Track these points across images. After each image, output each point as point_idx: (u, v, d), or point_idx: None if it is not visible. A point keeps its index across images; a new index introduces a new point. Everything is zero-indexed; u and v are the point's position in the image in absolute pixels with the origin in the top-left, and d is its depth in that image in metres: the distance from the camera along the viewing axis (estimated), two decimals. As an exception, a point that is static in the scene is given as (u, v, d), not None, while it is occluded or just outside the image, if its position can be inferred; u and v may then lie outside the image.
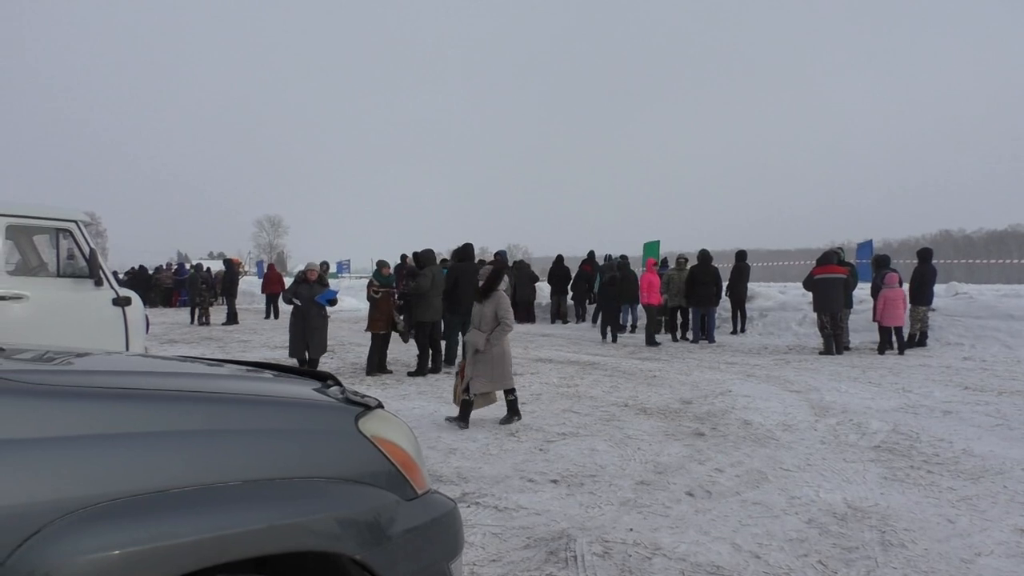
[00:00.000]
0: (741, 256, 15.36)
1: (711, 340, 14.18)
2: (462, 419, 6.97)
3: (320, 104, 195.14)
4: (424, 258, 10.79)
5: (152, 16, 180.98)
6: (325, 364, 10.54)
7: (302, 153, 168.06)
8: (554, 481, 5.14)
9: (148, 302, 28.12)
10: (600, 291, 15.92)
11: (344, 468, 2.04)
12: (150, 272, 30.06)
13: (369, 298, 10.48)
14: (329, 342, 13.46)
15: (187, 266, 28.15)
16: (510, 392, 7.19)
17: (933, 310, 13.10)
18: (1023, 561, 3.67)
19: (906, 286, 12.83)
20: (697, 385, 9.21)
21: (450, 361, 11.44)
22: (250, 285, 28.77)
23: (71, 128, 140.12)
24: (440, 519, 2.25)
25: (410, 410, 7.77)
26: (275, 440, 1.97)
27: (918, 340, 12.65)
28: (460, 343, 11.57)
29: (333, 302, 9.84)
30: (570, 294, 19.44)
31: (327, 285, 10.12)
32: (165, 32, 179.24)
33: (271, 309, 21.12)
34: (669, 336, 15.14)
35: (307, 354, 9.44)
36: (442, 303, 10.75)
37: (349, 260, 41.78)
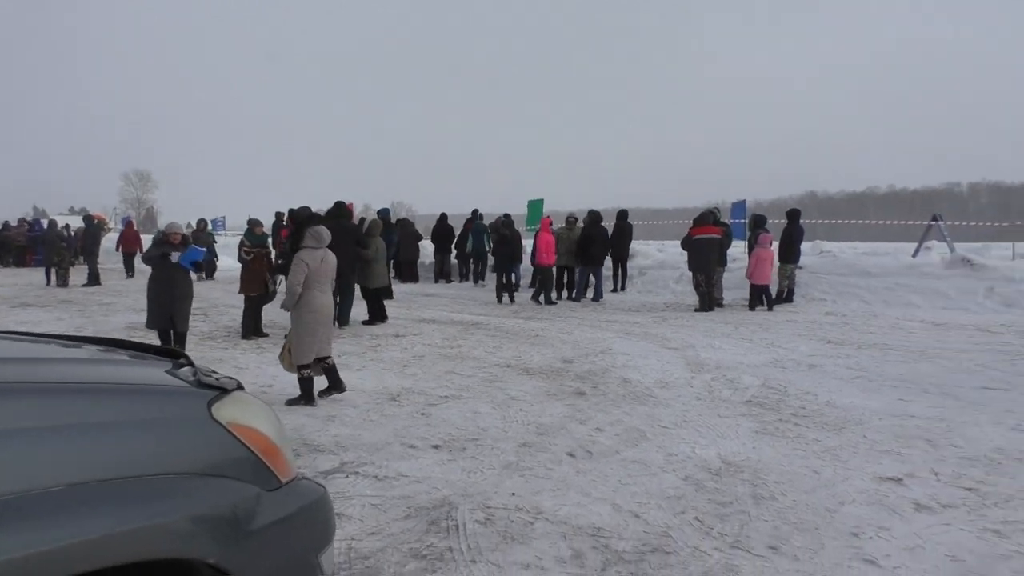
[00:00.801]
0: (622, 215, 15.58)
1: (600, 298, 14.40)
2: (304, 397, 6.21)
3: (194, 55, 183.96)
4: (301, 216, 10.32)
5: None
6: (196, 327, 9.97)
7: (173, 104, 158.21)
8: (436, 446, 5.01)
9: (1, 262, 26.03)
10: (495, 251, 15.45)
11: (196, 461, 1.83)
12: (-2, 228, 27.59)
13: (240, 259, 9.97)
14: (201, 303, 12.82)
15: (43, 222, 26.05)
16: (302, 368, 6.21)
17: (800, 268, 13.75)
18: (882, 508, 3.85)
19: (776, 245, 13.39)
20: (579, 344, 9.29)
21: (344, 321, 11.06)
22: (114, 243, 26.96)
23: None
24: (307, 508, 2.07)
25: (285, 376, 7.41)
26: (114, 434, 1.73)
27: (786, 296, 13.27)
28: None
29: (200, 266, 8.46)
30: (454, 253, 19.26)
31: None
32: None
33: (129, 269, 20.08)
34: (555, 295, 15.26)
35: (171, 326, 7.93)
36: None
37: (224, 217, 39.93)
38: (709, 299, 12.74)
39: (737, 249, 14.82)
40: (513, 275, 16.83)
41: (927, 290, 12.57)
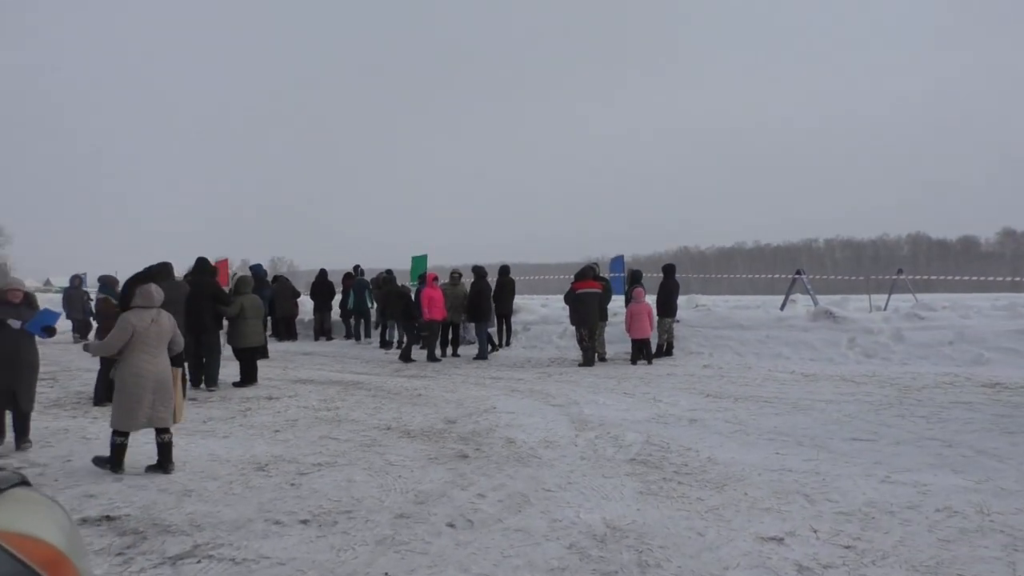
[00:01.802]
0: (504, 271, 15.60)
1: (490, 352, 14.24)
2: (112, 463, 5.80)
3: (60, 104, 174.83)
4: (156, 273, 9.68)
5: None
6: (43, 393, 9.08)
7: (32, 156, 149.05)
8: (304, 521, 4.63)
9: None
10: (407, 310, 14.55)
11: None
12: None
13: (97, 317, 9.22)
14: (50, 367, 11.78)
15: None
16: (116, 434, 5.81)
17: (678, 321, 14.10)
18: (765, 571, 3.79)
19: (653, 299, 13.69)
20: (462, 403, 9.05)
21: (211, 382, 10.43)
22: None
23: None
24: None
25: (139, 445, 6.78)
26: None
27: (666, 350, 13.54)
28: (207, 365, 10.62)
29: (51, 331, 6.95)
30: (334, 309, 18.71)
31: (36, 308, 6.88)
32: None
33: None
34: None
35: (13, 406, 6.61)
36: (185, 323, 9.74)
37: (85, 273, 37.47)
38: (592, 354, 12.83)
39: (617, 303, 15.04)
40: (396, 331, 16.50)
41: (795, 342, 13.12)
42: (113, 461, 5.84)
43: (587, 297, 12.81)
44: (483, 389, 10.16)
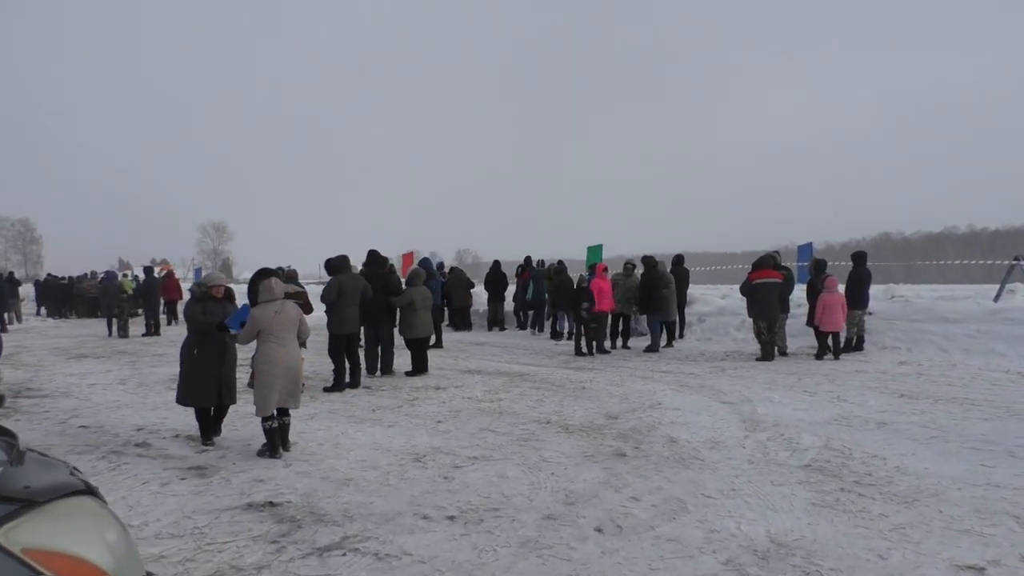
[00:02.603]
0: (678, 261, 15.02)
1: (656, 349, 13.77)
2: (269, 448, 6.16)
3: (269, 108, 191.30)
4: (335, 265, 10.13)
5: (85, 11, 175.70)
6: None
7: (250, 158, 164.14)
8: (451, 517, 4.57)
9: (66, 313, 26.90)
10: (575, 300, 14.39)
11: None
12: (61, 281, 28.58)
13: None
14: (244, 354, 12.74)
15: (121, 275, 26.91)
16: (266, 420, 6.12)
17: (870, 314, 12.90)
18: (960, 608, 3.23)
19: (843, 288, 12.60)
20: (627, 397, 8.74)
21: (387, 369, 10.88)
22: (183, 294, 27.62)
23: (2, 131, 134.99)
24: None
25: (313, 432, 7.11)
26: None
27: (855, 344, 12.43)
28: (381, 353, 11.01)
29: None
30: (507, 300, 18.92)
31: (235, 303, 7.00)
32: (101, 29, 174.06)
33: (171, 316, 21.82)
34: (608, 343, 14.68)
35: (216, 402, 6.70)
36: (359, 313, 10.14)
37: (289, 266, 40.62)
38: (771, 347, 12.02)
39: (801, 295, 14.01)
40: (565, 323, 16.36)
41: (1012, 337, 11.56)
42: (270, 446, 6.12)
43: (765, 287, 12.01)
44: (650, 383, 9.77)
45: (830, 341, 11.89)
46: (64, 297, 27.29)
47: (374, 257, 11.20)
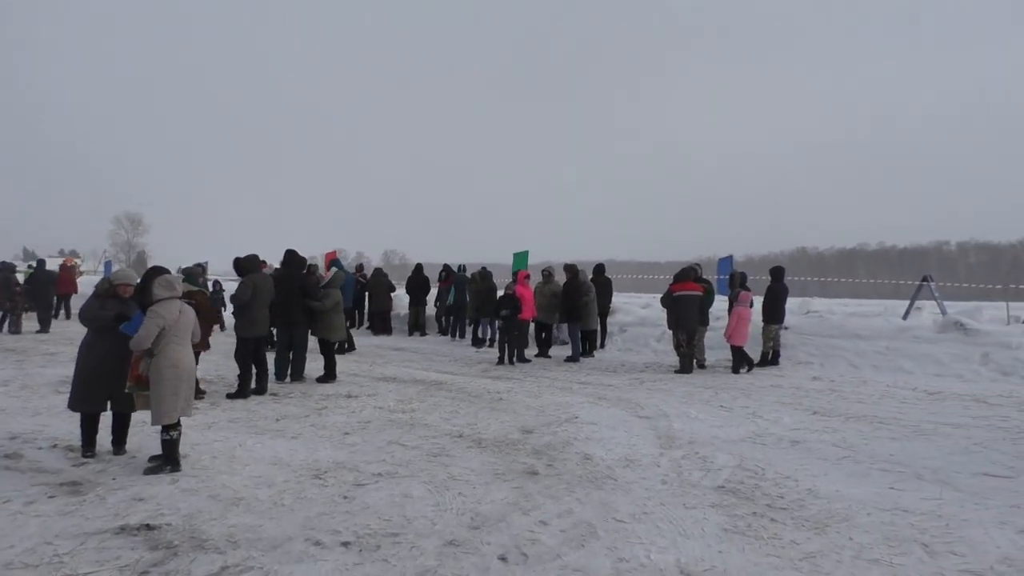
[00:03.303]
0: (599, 270, 14.99)
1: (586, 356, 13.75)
2: (169, 461, 5.69)
3: (190, 98, 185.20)
4: (246, 265, 9.64)
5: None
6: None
7: (168, 149, 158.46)
8: (346, 543, 4.24)
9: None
10: (501, 307, 13.54)
11: None
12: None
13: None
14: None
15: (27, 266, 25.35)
16: (167, 429, 5.65)
17: (785, 328, 13.10)
18: (869, 648, 3.10)
19: (760, 303, 12.75)
20: (544, 410, 8.54)
21: (297, 375, 10.43)
22: (88, 287, 26.22)
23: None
24: None
25: (209, 443, 6.66)
26: None
27: (771, 359, 12.58)
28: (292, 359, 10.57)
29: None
30: (430, 305, 18.59)
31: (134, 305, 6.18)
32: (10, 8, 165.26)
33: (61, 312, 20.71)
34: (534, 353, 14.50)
35: (106, 408, 6.09)
36: (268, 315, 9.69)
37: (207, 261, 39.16)
38: (690, 360, 12.06)
39: (720, 306, 14.15)
40: (488, 330, 16.15)
41: (919, 355, 11.91)
42: (170, 459, 5.68)
43: (685, 300, 12.04)
44: (568, 395, 9.61)
45: (744, 356, 11.99)
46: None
47: (291, 257, 10.73)
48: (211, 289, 17.33)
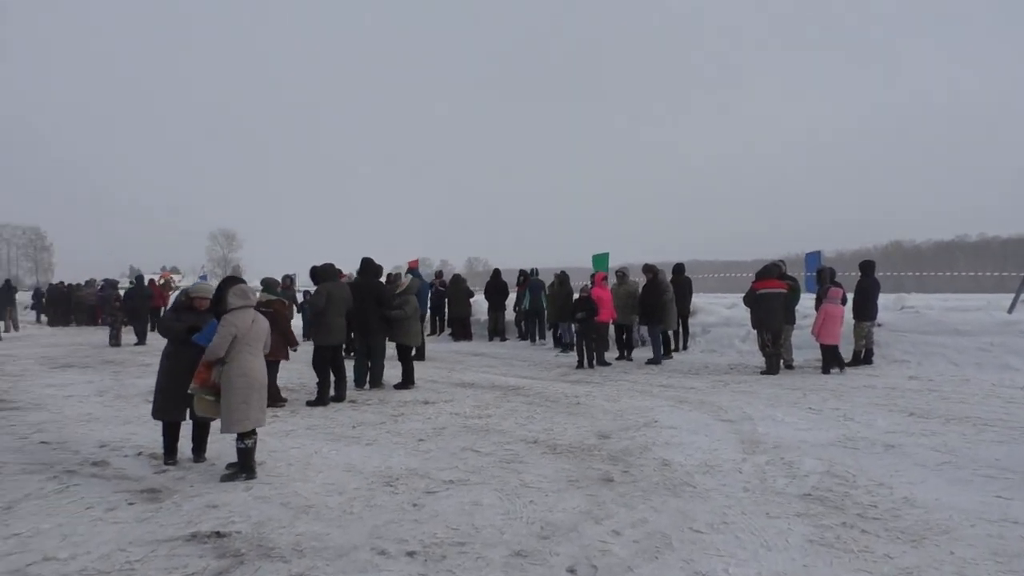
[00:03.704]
0: (679, 270, 14.61)
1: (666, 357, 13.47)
2: (244, 469, 5.77)
3: (277, 114, 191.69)
4: (321, 273, 9.78)
5: (96, 23, 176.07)
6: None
7: (259, 166, 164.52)
8: (411, 553, 4.17)
9: (69, 321, 26.68)
10: (576, 310, 13.24)
11: None
12: (63, 288, 28.34)
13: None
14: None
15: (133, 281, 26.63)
16: (242, 437, 5.74)
17: (878, 325, 12.45)
18: (973, 676, 2.81)
19: (850, 300, 12.15)
20: (621, 414, 8.33)
21: (375, 382, 10.53)
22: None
23: (11, 139, 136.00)
24: None
25: (286, 450, 6.75)
26: None
27: (864, 357, 11.97)
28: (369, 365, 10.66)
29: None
30: (508, 309, 18.55)
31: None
32: (112, 36, 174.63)
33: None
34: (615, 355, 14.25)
35: (187, 415, 6.18)
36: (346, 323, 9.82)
37: (295, 273, 40.31)
38: (776, 360, 11.59)
39: (808, 304, 13.58)
40: (567, 334, 15.96)
41: (1028, 351, 11.09)
42: (245, 467, 5.77)
43: (769, 298, 11.58)
44: (648, 399, 9.35)
45: (835, 355, 11.43)
46: (65, 305, 27.09)
47: (368, 265, 10.83)
48: (301, 300, 17.77)
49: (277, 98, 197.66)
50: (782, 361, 11.83)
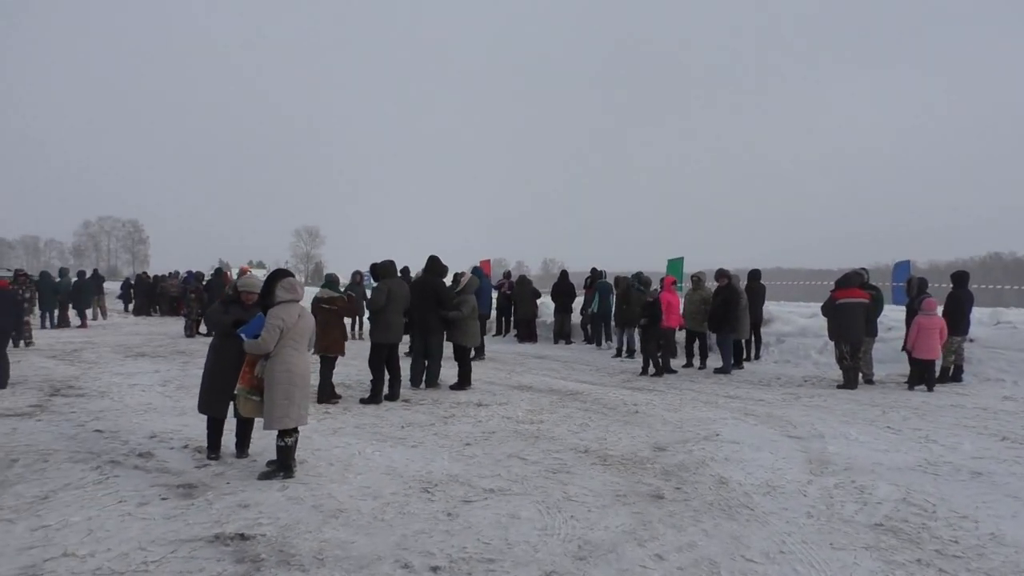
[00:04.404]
0: (754, 276, 13.95)
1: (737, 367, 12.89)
2: (282, 468, 5.67)
3: (362, 113, 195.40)
4: (382, 270, 9.64)
5: (185, 22, 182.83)
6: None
7: (341, 162, 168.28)
8: (435, 568, 3.90)
9: (152, 311, 27.61)
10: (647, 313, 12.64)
11: None
12: (148, 280, 29.33)
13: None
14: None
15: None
16: (283, 435, 5.61)
17: (970, 340, 11.56)
18: None
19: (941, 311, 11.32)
20: (681, 425, 7.88)
21: (431, 382, 10.35)
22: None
23: (110, 136, 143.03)
24: None
25: (330, 449, 6.59)
26: None
27: (952, 374, 11.13)
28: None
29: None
30: (575, 312, 18.15)
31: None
32: (199, 41, 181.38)
33: None
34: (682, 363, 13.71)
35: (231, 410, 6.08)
36: (402, 320, 9.67)
37: (364, 271, 40.85)
38: (854, 374, 10.87)
39: (893, 317, 12.76)
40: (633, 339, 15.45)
41: None
42: (284, 465, 5.62)
43: (849, 308, 10.88)
44: (712, 410, 8.86)
45: (924, 370, 10.65)
46: (150, 295, 28.04)
47: (433, 264, 10.64)
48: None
49: (368, 96, 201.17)
50: (861, 375, 11.10)
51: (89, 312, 22.10)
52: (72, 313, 20.90)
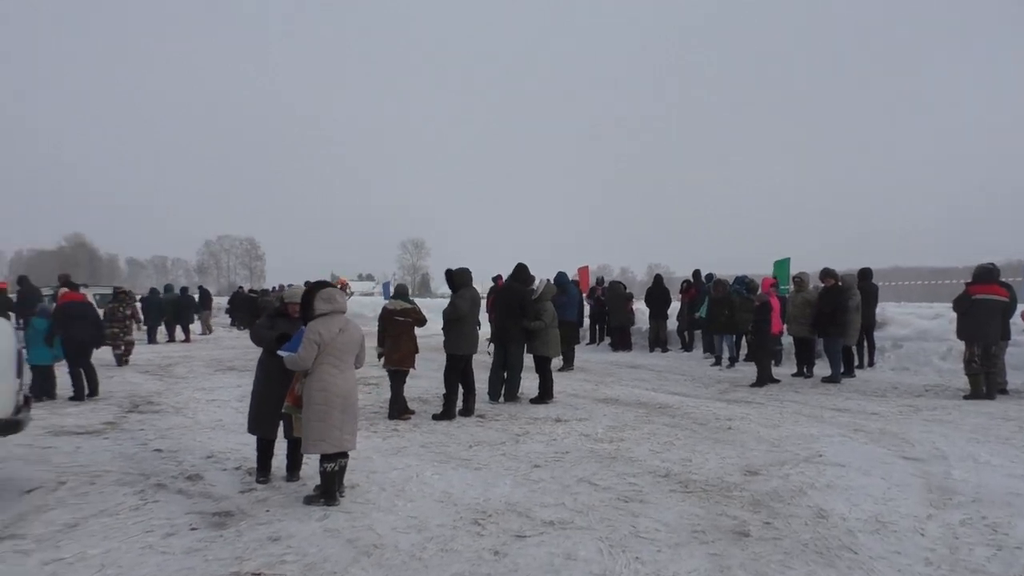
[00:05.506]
0: (865, 275, 12.73)
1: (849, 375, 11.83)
2: (324, 495, 5.26)
3: (474, 119, 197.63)
4: (458, 277, 9.18)
5: (293, 42, 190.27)
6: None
7: (453, 174, 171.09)
8: (464, 624, 3.35)
9: (252, 325, 28.36)
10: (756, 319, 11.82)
11: None
12: (251, 294, 30.15)
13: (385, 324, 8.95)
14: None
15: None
16: (325, 460, 5.18)
17: None
18: None
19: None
20: (779, 443, 7.04)
21: (511, 395, 9.86)
22: (360, 307, 28.30)
23: (228, 158, 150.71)
24: None
25: (387, 472, 6.15)
26: None
27: (1104, 382, 9.71)
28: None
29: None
30: (671, 319, 17.26)
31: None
32: (296, 62, 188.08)
33: None
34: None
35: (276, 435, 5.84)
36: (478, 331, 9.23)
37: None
38: (987, 383, 9.62)
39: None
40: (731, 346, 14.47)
41: None
42: (326, 492, 5.21)
43: (987, 305, 9.62)
44: (816, 425, 7.94)
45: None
46: (253, 309, 28.85)
47: (519, 272, 10.15)
48: None
49: (472, 105, 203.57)
50: (995, 384, 9.83)
51: (195, 327, 22.81)
52: (177, 328, 21.56)
